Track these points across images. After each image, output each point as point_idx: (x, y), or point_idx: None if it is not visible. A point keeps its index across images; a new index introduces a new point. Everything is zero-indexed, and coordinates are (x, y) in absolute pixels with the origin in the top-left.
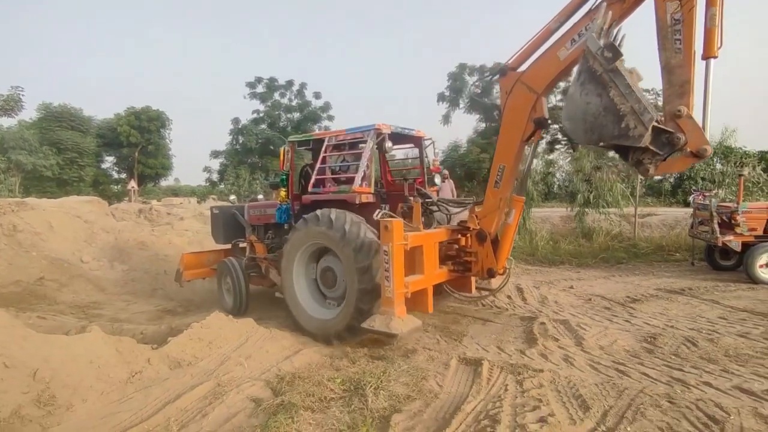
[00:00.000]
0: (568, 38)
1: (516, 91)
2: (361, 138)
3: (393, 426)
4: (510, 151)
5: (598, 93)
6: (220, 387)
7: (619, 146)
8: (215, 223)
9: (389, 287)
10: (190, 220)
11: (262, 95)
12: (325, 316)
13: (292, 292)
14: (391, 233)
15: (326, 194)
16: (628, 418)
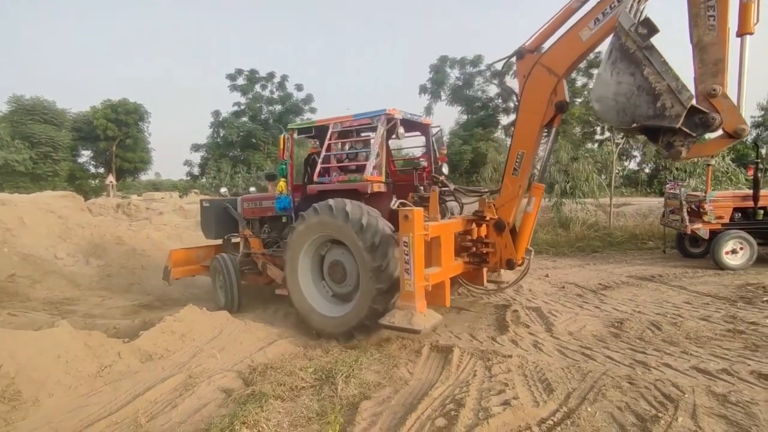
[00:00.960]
0: (591, 18)
1: (535, 74)
2: (370, 124)
3: (361, 412)
4: (529, 136)
5: (631, 72)
6: (192, 379)
7: (650, 128)
8: (206, 217)
9: (409, 280)
10: (170, 215)
11: (243, 87)
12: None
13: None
14: (412, 223)
15: (334, 184)
16: (589, 399)
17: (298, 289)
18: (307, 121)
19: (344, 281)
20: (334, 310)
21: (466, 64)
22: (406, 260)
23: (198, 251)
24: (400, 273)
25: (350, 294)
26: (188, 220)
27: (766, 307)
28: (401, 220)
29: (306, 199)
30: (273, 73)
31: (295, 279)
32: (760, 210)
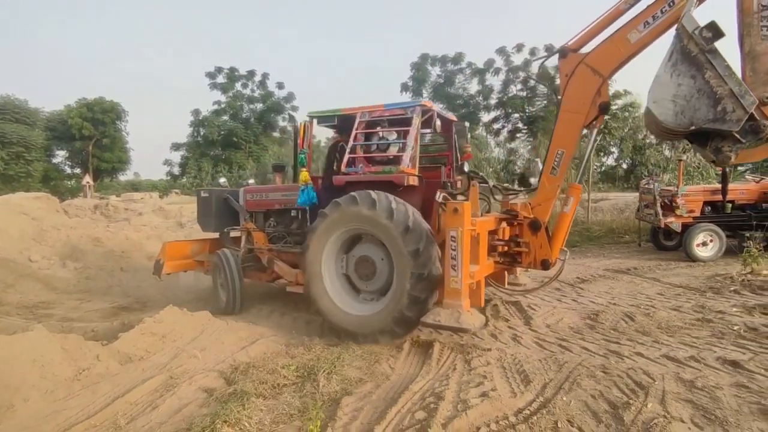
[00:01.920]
0: (641, 20)
1: (579, 74)
2: (403, 115)
3: (342, 407)
4: (570, 136)
5: (692, 74)
6: (173, 379)
7: (701, 133)
8: (204, 209)
9: (456, 277)
10: (150, 215)
11: (223, 86)
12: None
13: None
14: (461, 217)
15: (365, 175)
16: (564, 388)
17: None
18: (330, 109)
19: (372, 278)
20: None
21: (447, 62)
22: (453, 256)
23: (192, 245)
24: (445, 269)
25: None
26: (168, 221)
27: (733, 296)
28: (449, 213)
29: (330, 190)
30: (253, 71)
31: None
32: (729, 204)
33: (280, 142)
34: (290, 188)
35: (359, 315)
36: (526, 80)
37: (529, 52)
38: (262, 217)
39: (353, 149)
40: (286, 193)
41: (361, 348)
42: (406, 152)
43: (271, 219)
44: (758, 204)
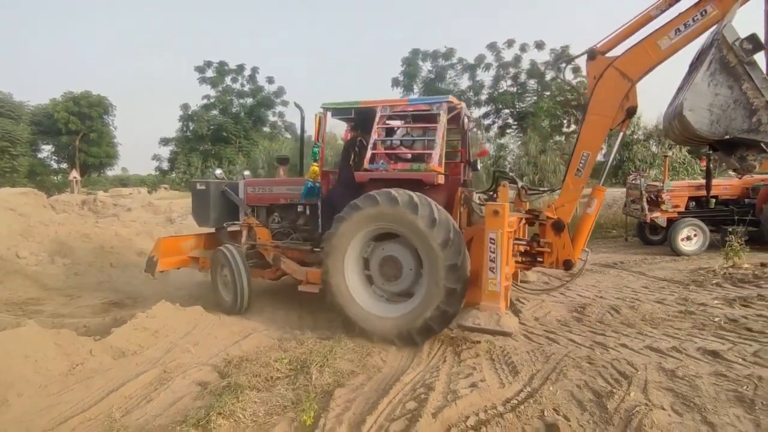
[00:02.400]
0: (672, 28)
1: (608, 78)
2: (428, 110)
3: (335, 399)
4: (596, 139)
5: (730, 85)
6: (166, 374)
7: (725, 142)
8: (200, 202)
9: (495, 279)
10: (139, 211)
11: (213, 80)
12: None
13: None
14: (501, 219)
15: (392, 172)
16: (551, 379)
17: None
18: (347, 102)
19: (398, 279)
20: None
21: (438, 57)
22: (491, 258)
23: (186, 241)
24: (483, 272)
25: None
26: (158, 216)
27: (715, 289)
28: (488, 215)
29: (347, 187)
30: (243, 65)
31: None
32: (712, 199)
33: (270, 137)
34: (298, 182)
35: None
36: (517, 76)
37: (520, 48)
38: (265, 212)
39: (376, 145)
40: (293, 187)
41: (352, 341)
42: (435, 150)
43: (275, 214)
44: (741, 199)
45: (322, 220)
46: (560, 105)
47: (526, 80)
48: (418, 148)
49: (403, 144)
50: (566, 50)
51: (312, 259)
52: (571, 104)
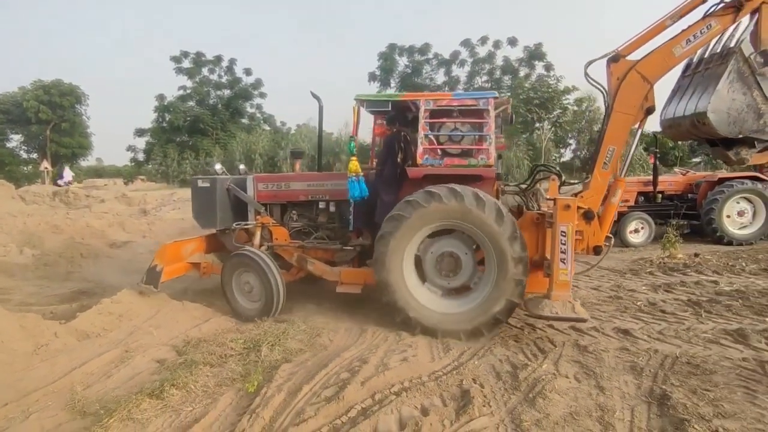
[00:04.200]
0: (684, 37)
1: (630, 79)
2: (474, 105)
3: (280, 372)
4: (621, 135)
5: (744, 92)
6: (127, 353)
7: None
8: (204, 201)
9: (565, 270)
10: (112, 202)
11: (189, 71)
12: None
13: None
14: (572, 213)
15: (451, 168)
16: (478, 355)
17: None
18: (383, 94)
19: (456, 274)
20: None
21: (415, 52)
22: (563, 250)
23: (185, 245)
24: (554, 263)
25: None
26: (132, 208)
27: (647, 277)
28: (560, 209)
29: (390, 183)
30: (221, 56)
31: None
32: (659, 194)
33: (248, 129)
34: (321, 178)
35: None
36: (492, 72)
37: (493, 44)
38: (279, 210)
39: (429, 140)
40: (315, 182)
41: (305, 323)
42: (491, 145)
43: (292, 212)
44: (684, 194)
45: (354, 217)
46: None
47: (501, 76)
48: (469, 143)
49: (453, 139)
50: (539, 47)
51: (342, 257)
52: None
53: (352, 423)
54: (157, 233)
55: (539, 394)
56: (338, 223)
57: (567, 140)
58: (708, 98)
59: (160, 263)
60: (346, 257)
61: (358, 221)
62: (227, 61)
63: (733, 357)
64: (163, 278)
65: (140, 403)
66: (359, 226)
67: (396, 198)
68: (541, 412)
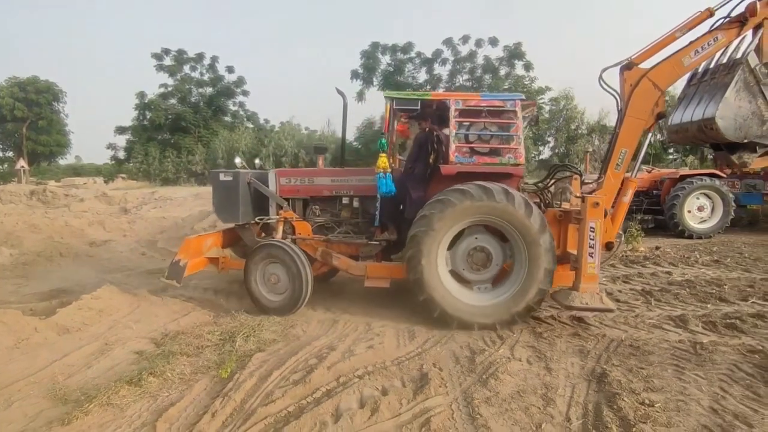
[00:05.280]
0: (693, 48)
1: (643, 86)
2: (501, 106)
3: (253, 360)
4: (633, 138)
5: (749, 100)
6: (107, 345)
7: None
8: (226, 194)
9: (593, 263)
10: (92, 201)
11: (171, 68)
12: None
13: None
14: (600, 210)
15: (483, 166)
16: (441, 342)
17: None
18: (413, 93)
19: (486, 268)
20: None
21: (397, 51)
22: (591, 245)
23: (206, 239)
24: (582, 257)
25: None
26: (112, 207)
27: (609, 269)
28: (589, 206)
29: (421, 180)
30: (203, 53)
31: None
32: None
33: (231, 127)
34: (345, 173)
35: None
36: (473, 71)
37: (475, 43)
38: (302, 205)
39: (461, 138)
40: (339, 178)
41: (280, 316)
42: (521, 145)
43: (315, 207)
44: (650, 191)
45: (380, 213)
46: None
47: (482, 75)
48: (500, 143)
49: (482, 138)
50: (519, 47)
51: (367, 252)
52: None
53: (316, 402)
54: (138, 232)
55: (492, 376)
56: (362, 218)
57: (546, 138)
58: (716, 105)
59: (184, 258)
60: (371, 252)
61: (384, 217)
62: (209, 58)
63: (671, 339)
64: (187, 272)
65: (119, 390)
66: (385, 222)
67: (425, 195)
68: (492, 391)
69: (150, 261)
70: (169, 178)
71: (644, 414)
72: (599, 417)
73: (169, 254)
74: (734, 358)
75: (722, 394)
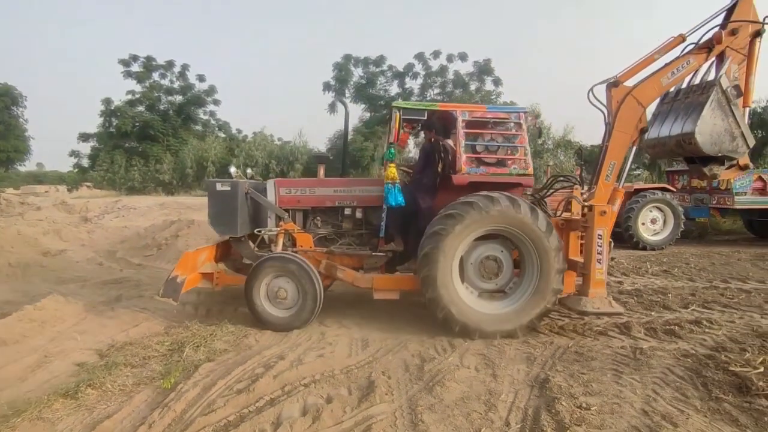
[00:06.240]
0: (669, 70)
1: (628, 103)
2: (506, 119)
3: (200, 370)
4: (621, 151)
5: (722, 118)
6: (47, 358)
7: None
8: (223, 205)
9: (601, 269)
10: (50, 210)
11: (139, 75)
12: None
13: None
14: (607, 218)
15: (494, 175)
16: (393, 351)
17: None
18: (421, 103)
19: (497, 276)
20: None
21: (370, 64)
22: (599, 251)
23: (201, 254)
24: (591, 263)
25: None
26: (72, 216)
27: None
28: (597, 215)
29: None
30: (172, 61)
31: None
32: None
33: (201, 136)
34: (348, 183)
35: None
36: (444, 85)
37: (446, 58)
38: (302, 216)
39: (469, 148)
40: (342, 188)
41: (234, 326)
42: (527, 155)
43: (317, 218)
44: None
45: (386, 223)
46: None
47: (453, 89)
48: (506, 153)
49: (489, 149)
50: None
51: (372, 264)
52: None
53: (257, 411)
54: (97, 242)
55: (438, 383)
56: (365, 229)
57: None
58: (694, 122)
59: (182, 273)
60: (377, 264)
61: (391, 227)
62: (179, 66)
63: (614, 346)
64: (187, 287)
65: (53, 403)
66: (392, 233)
67: (434, 204)
68: (437, 398)
69: (107, 271)
70: (135, 187)
71: (579, 417)
72: (537, 421)
73: (129, 264)
74: (669, 362)
75: (654, 397)
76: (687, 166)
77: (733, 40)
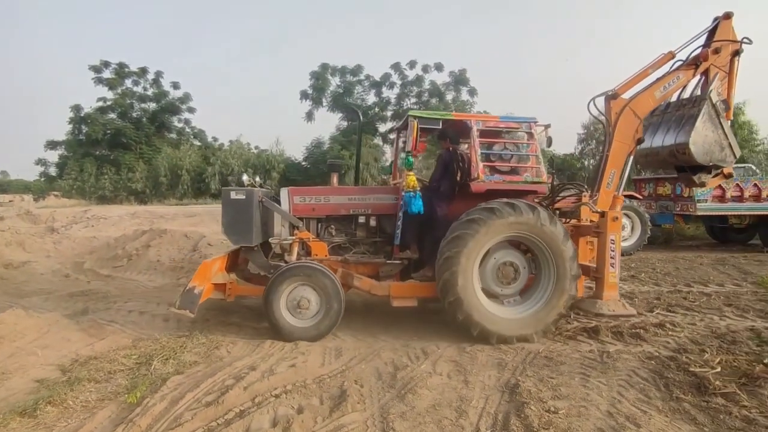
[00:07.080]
0: (661, 84)
1: (626, 115)
2: (517, 128)
3: (168, 384)
4: (620, 160)
5: (713, 130)
6: (4, 375)
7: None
8: (238, 214)
9: (614, 273)
10: (13, 219)
11: (110, 82)
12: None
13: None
14: (619, 223)
15: (510, 183)
16: (366, 360)
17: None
18: (437, 112)
19: (515, 281)
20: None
21: (347, 73)
22: (612, 256)
23: (215, 264)
24: (605, 267)
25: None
26: (37, 226)
27: None
28: (609, 221)
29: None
30: (146, 68)
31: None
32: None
33: (176, 144)
34: (363, 191)
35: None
36: (420, 95)
37: (422, 68)
38: (316, 224)
39: (486, 157)
40: (357, 196)
41: (206, 337)
42: (540, 163)
43: (331, 226)
44: None
45: (402, 231)
46: None
47: (429, 99)
48: (519, 162)
49: (503, 157)
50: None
51: (387, 272)
52: None
53: (226, 424)
54: (64, 252)
55: (410, 391)
56: (379, 237)
57: None
58: (688, 134)
59: (199, 284)
60: (392, 271)
61: (407, 235)
62: (153, 73)
63: (582, 350)
64: (202, 299)
65: (9, 422)
66: (408, 240)
67: (450, 212)
68: (408, 405)
69: (73, 283)
70: (106, 196)
71: (547, 421)
72: (506, 426)
73: (97, 276)
74: (634, 365)
75: (619, 398)
76: (677, 174)
77: (717, 58)
